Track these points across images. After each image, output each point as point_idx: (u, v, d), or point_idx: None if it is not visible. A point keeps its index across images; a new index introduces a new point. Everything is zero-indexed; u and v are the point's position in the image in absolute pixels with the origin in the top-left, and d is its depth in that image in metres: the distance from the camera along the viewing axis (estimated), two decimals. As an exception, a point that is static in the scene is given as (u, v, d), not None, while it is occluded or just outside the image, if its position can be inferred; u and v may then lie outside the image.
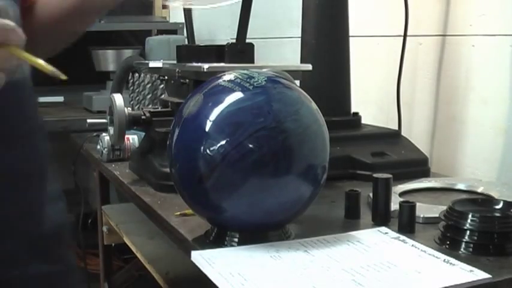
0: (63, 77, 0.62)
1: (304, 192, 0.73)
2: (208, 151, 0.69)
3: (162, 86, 1.51)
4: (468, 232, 0.73)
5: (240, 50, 1.05)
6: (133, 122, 1.05)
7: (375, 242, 0.75)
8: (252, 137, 0.68)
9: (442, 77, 1.28)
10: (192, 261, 0.71)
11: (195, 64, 1.04)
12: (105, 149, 1.28)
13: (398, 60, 1.26)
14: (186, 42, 1.35)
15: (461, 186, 1.03)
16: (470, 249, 0.72)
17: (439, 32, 1.28)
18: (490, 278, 0.64)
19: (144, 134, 1.15)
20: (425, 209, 0.85)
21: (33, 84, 0.82)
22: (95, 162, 1.36)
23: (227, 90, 0.72)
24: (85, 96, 2.26)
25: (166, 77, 1.18)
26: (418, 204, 0.81)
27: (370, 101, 1.45)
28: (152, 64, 1.19)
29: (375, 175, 0.86)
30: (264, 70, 0.77)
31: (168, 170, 0.77)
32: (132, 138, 1.30)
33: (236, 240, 0.74)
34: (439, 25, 1.28)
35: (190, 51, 1.11)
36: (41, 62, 0.61)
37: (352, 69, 1.25)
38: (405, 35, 1.25)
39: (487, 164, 0.99)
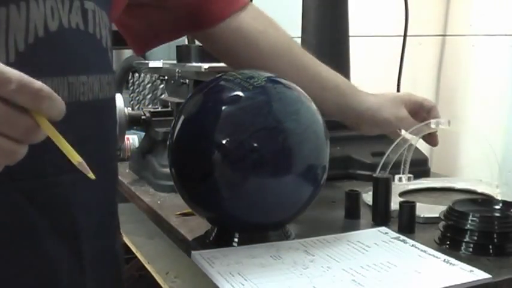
0: (92, 176, 0.52)
1: (304, 192, 0.72)
2: (208, 151, 0.69)
3: (162, 86, 1.51)
4: (468, 232, 0.73)
5: (240, 50, 1.05)
6: (134, 122, 1.05)
7: (375, 242, 0.75)
8: (252, 137, 0.68)
9: (442, 77, 1.28)
10: (192, 261, 0.71)
11: (195, 64, 1.04)
12: (105, 149, 1.28)
13: (398, 60, 1.26)
14: (186, 42, 1.35)
15: (461, 186, 1.03)
16: (470, 249, 0.72)
17: (439, 32, 1.28)
18: (490, 278, 0.64)
19: (144, 134, 1.15)
20: (425, 209, 0.85)
21: None
22: (95, 162, 1.36)
23: (227, 90, 0.72)
24: (85, 96, 2.26)
25: (166, 77, 1.18)
26: (418, 204, 0.81)
27: (370, 101, 1.45)
28: (152, 64, 1.20)
29: (374, 175, 0.86)
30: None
31: (168, 170, 0.77)
32: (132, 138, 1.30)
33: (236, 240, 0.74)
34: (439, 25, 1.28)
35: (190, 51, 1.11)
36: (68, 147, 0.50)
37: (352, 69, 1.25)
38: (405, 35, 1.25)
39: (487, 164, 0.99)
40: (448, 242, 0.74)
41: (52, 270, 0.61)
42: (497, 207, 0.77)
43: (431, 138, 1.00)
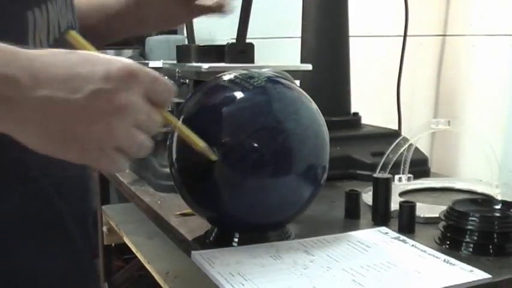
0: (214, 157, 0.59)
1: (304, 192, 0.73)
2: (208, 151, 0.69)
3: (162, 86, 1.51)
4: (468, 232, 0.73)
5: (240, 50, 1.05)
6: (133, 122, 1.05)
7: (375, 242, 0.75)
8: (252, 137, 0.68)
9: (442, 77, 1.28)
10: (192, 261, 0.71)
11: (195, 64, 1.04)
12: (105, 149, 1.28)
13: (398, 60, 1.26)
14: (186, 42, 1.35)
15: (461, 186, 1.03)
16: (470, 249, 0.72)
17: (439, 32, 1.28)
18: (490, 278, 0.64)
19: (144, 134, 1.15)
20: (425, 209, 0.85)
21: None
22: (95, 162, 1.36)
23: (227, 90, 0.72)
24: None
25: (166, 77, 1.18)
26: (418, 204, 0.81)
27: (370, 101, 1.45)
28: (152, 64, 1.19)
29: (374, 175, 0.86)
30: (264, 70, 0.77)
31: (168, 170, 0.77)
32: (132, 138, 1.30)
33: (236, 240, 0.74)
34: (439, 25, 1.28)
35: (190, 51, 1.11)
36: (192, 135, 0.56)
37: (352, 69, 1.25)
38: (405, 35, 1.25)
39: (487, 164, 0.99)
40: (448, 242, 0.74)
41: (75, 252, 0.67)
42: (497, 207, 0.77)
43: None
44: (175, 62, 1.14)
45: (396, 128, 1.26)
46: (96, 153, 0.48)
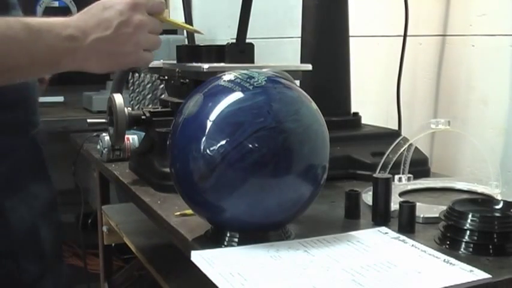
0: (202, 32, 0.91)
1: (304, 192, 0.73)
2: (208, 151, 0.69)
3: (162, 86, 1.51)
4: (468, 232, 0.73)
5: (240, 50, 1.05)
6: (134, 122, 1.05)
7: (375, 242, 0.75)
8: (252, 137, 0.68)
9: (442, 77, 1.28)
10: (192, 261, 0.71)
11: (195, 64, 1.04)
12: (105, 149, 1.28)
13: (398, 60, 1.26)
14: (186, 42, 1.35)
15: (461, 186, 1.03)
16: (470, 249, 0.72)
17: (439, 32, 1.28)
18: (490, 278, 0.64)
19: (144, 134, 1.15)
20: (425, 209, 0.85)
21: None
22: (95, 162, 1.36)
23: (227, 90, 0.72)
24: (85, 96, 2.26)
25: (166, 77, 1.18)
26: (418, 204, 0.81)
27: (370, 101, 1.45)
28: (152, 64, 1.19)
29: (374, 175, 0.86)
30: (264, 70, 0.77)
31: (168, 170, 0.77)
32: (132, 138, 1.30)
33: (236, 240, 0.74)
34: (439, 25, 1.28)
35: (190, 51, 1.11)
36: (182, 22, 0.90)
37: (352, 69, 1.25)
38: (405, 35, 1.25)
39: (487, 164, 0.99)
40: (448, 242, 0.74)
41: (54, 188, 0.99)
42: (497, 207, 0.77)
43: None
44: (175, 62, 1.14)
45: (396, 128, 1.26)
46: (135, 57, 0.78)
